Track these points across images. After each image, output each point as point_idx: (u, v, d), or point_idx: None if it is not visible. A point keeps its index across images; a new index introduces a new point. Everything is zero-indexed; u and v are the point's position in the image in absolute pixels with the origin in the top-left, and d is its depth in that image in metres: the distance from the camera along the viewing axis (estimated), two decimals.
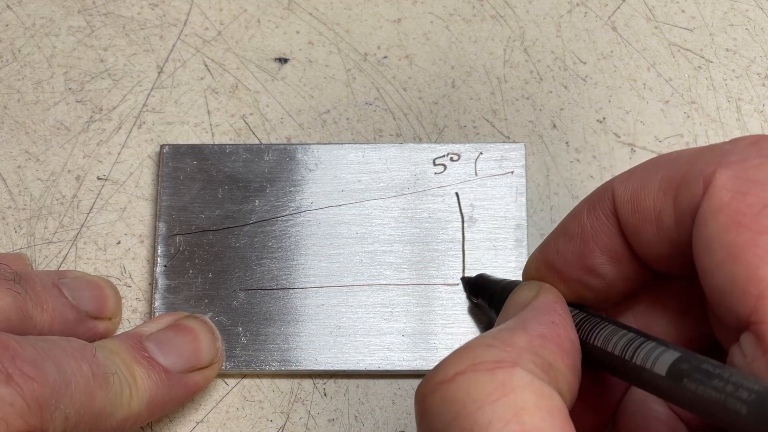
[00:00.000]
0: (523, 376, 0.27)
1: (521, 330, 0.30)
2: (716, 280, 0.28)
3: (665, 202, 0.30)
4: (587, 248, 0.32)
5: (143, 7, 0.47)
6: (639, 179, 0.31)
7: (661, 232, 0.30)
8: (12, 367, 0.32)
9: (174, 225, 0.42)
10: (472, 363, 0.28)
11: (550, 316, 0.31)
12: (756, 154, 0.29)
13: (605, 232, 0.32)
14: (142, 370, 0.37)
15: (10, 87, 0.46)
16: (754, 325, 0.27)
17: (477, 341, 0.29)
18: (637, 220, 0.31)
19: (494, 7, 0.46)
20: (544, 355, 0.29)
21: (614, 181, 0.32)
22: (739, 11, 0.46)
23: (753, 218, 0.27)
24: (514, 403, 0.27)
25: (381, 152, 0.43)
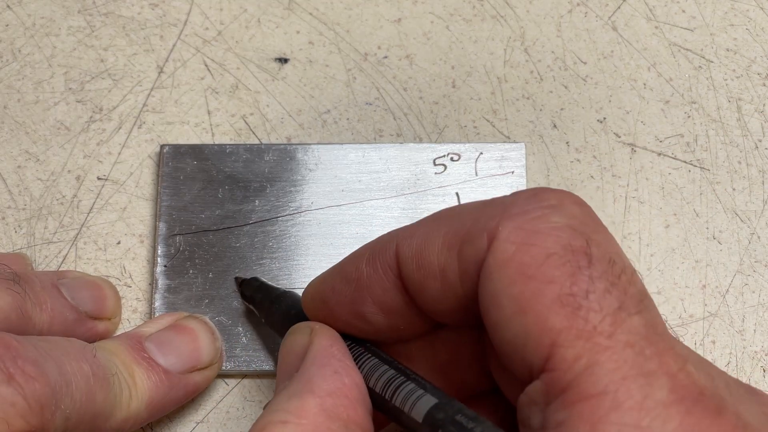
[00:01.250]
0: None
1: (309, 393, 0.30)
2: (506, 333, 0.28)
3: (449, 257, 0.30)
4: (360, 295, 0.32)
5: (143, 7, 0.47)
6: (423, 234, 0.31)
7: (445, 287, 0.30)
8: (13, 367, 0.32)
9: (174, 225, 0.42)
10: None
11: (331, 365, 0.31)
12: (536, 205, 0.29)
13: (380, 284, 0.32)
14: (142, 371, 0.37)
15: (10, 87, 0.46)
16: (547, 373, 0.27)
17: (270, 418, 0.29)
18: (421, 275, 0.31)
19: (494, 7, 0.46)
20: (339, 414, 0.29)
21: (398, 234, 0.32)
22: (739, 11, 0.46)
23: (537, 269, 0.28)
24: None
25: (381, 152, 0.43)
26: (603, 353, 0.26)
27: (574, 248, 0.28)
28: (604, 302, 0.27)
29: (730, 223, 0.43)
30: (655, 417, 0.26)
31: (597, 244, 0.28)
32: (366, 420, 0.30)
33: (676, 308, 0.41)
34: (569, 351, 0.27)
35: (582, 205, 0.29)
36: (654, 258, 0.42)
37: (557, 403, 0.27)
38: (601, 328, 0.27)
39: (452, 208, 0.32)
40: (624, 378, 0.26)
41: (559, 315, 0.27)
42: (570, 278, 0.27)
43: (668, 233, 0.42)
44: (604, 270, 0.28)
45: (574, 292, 0.27)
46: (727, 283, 0.42)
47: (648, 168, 0.43)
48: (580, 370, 0.26)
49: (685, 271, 0.42)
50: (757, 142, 0.44)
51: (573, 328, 0.27)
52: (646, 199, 0.43)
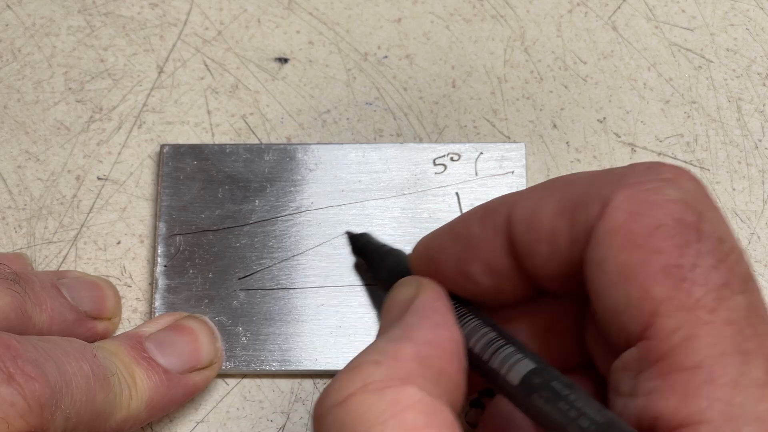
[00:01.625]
0: (413, 395, 0.28)
1: (407, 340, 0.30)
2: (609, 299, 0.28)
3: (561, 222, 0.30)
4: (469, 255, 0.32)
5: (143, 7, 0.47)
6: (537, 199, 0.31)
7: (554, 252, 0.30)
8: (13, 367, 0.32)
9: (174, 225, 0.42)
10: (362, 384, 0.28)
11: (433, 317, 0.31)
12: (652, 177, 0.29)
13: (490, 245, 0.32)
14: (142, 371, 0.37)
15: (10, 87, 0.46)
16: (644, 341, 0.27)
17: (366, 358, 0.29)
18: (531, 239, 0.31)
19: (494, 7, 0.46)
20: (433, 364, 0.29)
21: (513, 197, 0.32)
22: (739, 11, 0.46)
23: (646, 238, 0.28)
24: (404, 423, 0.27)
25: (381, 152, 0.43)
26: (702, 327, 0.27)
27: (686, 222, 0.28)
28: (710, 277, 0.27)
29: (730, 223, 0.42)
30: (748, 396, 0.26)
31: (708, 221, 0.28)
32: (459, 376, 0.30)
33: None
34: (669, 321, 0.27)
35: (696, 182, 0.29)
36: None
37: (650, 372, 0.27)
38: (703, 302, 0.27)
39: (567, 175, 0.32)
40: (721, 354, 0.26)
41: (662, 285, 0.27)
42: (678, 250, 0.28)
43: None
44: (713, 247, 0.28)
45: (681, 264, 0.27)
46: None
47: None
48: (677, 342, 0.27)
49: None
50: (757, 142, 0.44)
51: (675, 299, 0.27)
52: None
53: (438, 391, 0.29)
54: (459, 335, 0.31)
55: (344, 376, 0.29)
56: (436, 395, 0.28)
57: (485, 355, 0.31)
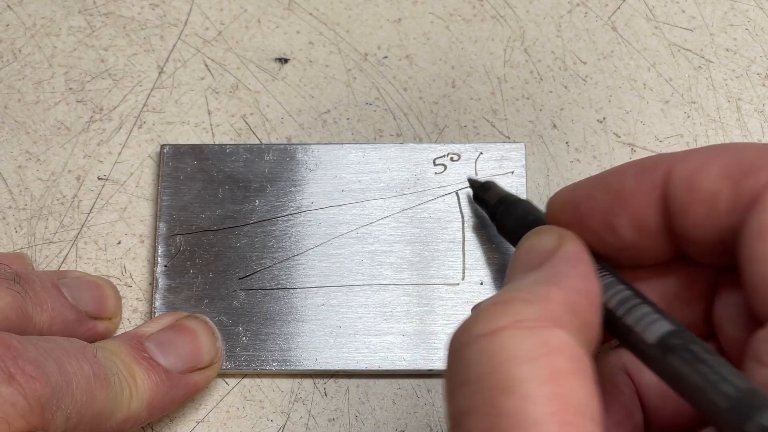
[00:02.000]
0: (562, 338, 0.28)
1: (556, 285, 0.30)
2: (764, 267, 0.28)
3: (724, 185, 0.30)
4: (618, 207, 0.32)
5: (144, 7, 0.47)
6: (701, 159, 0.31)
7: (711, 214, 0.30)
8: (14, 367, 0.32)
9: (174, 225, 0.43)
10: (514, 319, 0.28)
11: (581, 267, 0.31)
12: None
13: (643, 199, 0.31)
14: (142, 371, 0.37)
15: (10, 87, 0.46)
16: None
17: (515, 294, 0.29)
18: (689, 198, 0.30)
19: (494, 7, 0.46)
20: (581, 313, 0.29)
21: (673, 155, 0.31)
22: (739, 11, 0.46)
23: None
24: (552, 364, 0.27)
25: (381, 152, 0.43)
26: None
27: None
28: None
29: None
30: None
31: None
32: (600, 329, 0.30)
33: None
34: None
35: None
36: None
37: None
38: None
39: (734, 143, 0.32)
40: None
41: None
42: None
43: None
44: None
45: None
46: None
47: None
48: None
49: None
50: (757, 142, 0.44)
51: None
52: None
53: (582, 339, 0.29)
54: (601, 290, 0.31)
55: (494, 309, 0.28)
56: (581, 343, 0.28)
57: (620, 311, 0.30)
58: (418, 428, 0.40)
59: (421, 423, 0.41)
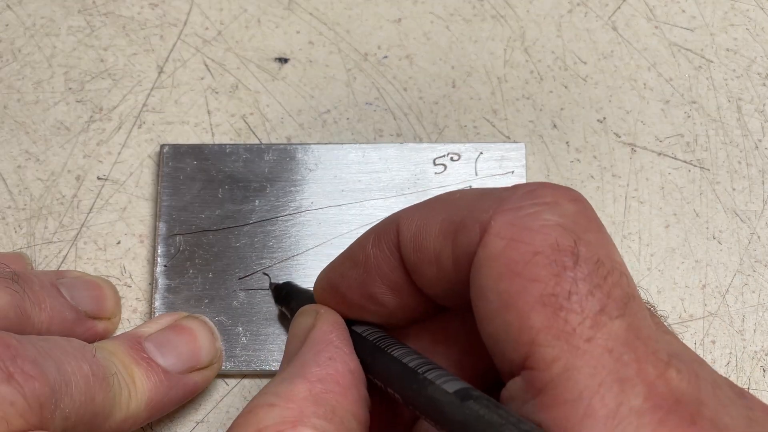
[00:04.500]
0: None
1: (300, 378, 0.30)
2: (491, 327, 0.28)
3: (444, 244, 0.30)
4: (369, 277, 0.32)
5: (143, 7, 0.47)
6: (422, 218, 0.31)
7: (440, 273, 0.30)
8: (13, 366, 0.32)
9: (174, 225, 0.42)
10: (255, 429, 0.29)
11: (327, 351, 0.31)
12: (530, 202, 0.29)
13: (387, 264, 0.32)
14: (141, 371, 0.37)
15: (10, 87, 0.46)
16: (526, 371, 0.27)
17: (259, 401, 0.30)
18: (417, 258, 0.31)
19: (494, 7, 0.46)
20: (327, 400, 0.30)
21: (400, 216, 0.32)
22: (739, 11, 0.46)
23: (524, 266, 0.27)
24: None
25: (381, 152, 0.43)
26: (581, 357, 0.26)
27: (561, 247, 0.27)
28: (586, 304, 0.27)
29: (730, 223, 0.42)
30: (627, 425, 0.26)
31: (586, 244, 0.28)
32: (357, 407, 0.31)
33: (676, 308, 0.41)
34: (548, 351, 0.26)
35: (578, 202, 0.29)
36: (654, 258, 0.42)
37: (534, 403, 0.27)
38: (580, 330, 0.26)
39: (452, 193, 0.32)
40: (600, 384, 0.26)
41: (540, 314, 0.27)
42: (554, 278, 0.27)
43: (668, 233, 0.42)
44: (590, 271, 0.27)
45: (557, 293, 0.27)
46: (727, 283, 0.42)
47: (648, 168, 0.43)
48: (558, 372, 0.26)
49: (685, 271, 0.42)
50: (757, 142, 0.44)
51: (553, 328, 0.27)
52: (646, 199, 0.43)
53: (333, 427, 0.29)
54: (355, 366, 0.31)
55: (239, 421, 0.30)
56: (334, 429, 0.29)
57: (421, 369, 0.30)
58: None
59: None
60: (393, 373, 0.31)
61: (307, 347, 0.32)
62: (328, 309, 0.34)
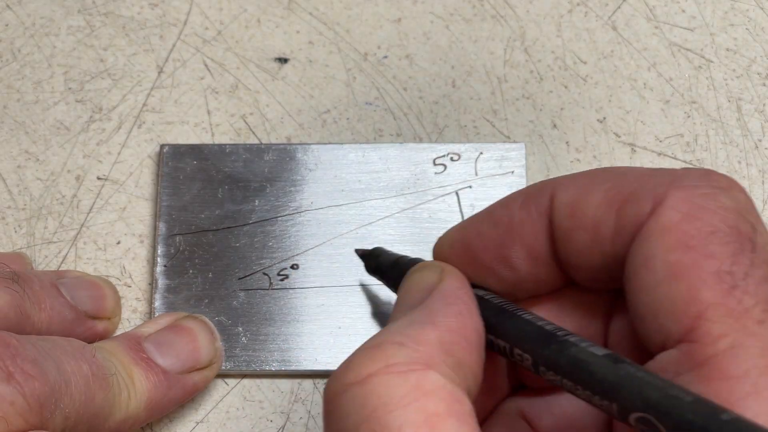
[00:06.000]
0: (435, 380, 0.27)
1: (430, 324, 0.29)
2: (652, 297, 0.28)
3: (607, 213, 0.30)
4: (509, 239, 0.32)
5: (143, 7, 0.47)
6: (583, 185, 0.30)
7: (594, 242, 0.30)
8: (13, 366, 0.32)
9: (174, 225, 0.42)
10: (384, 364, 0.28)
11: (457, 305, 0.30)
12: (707, 183, 0.29)
13: (532, 228, 0.31)
14: (141, 372, 0.37)
15: (9, 87, 0.46)
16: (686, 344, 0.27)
17: (387, 338, 0.29)
18: (573, 225, 0.30)
19: (494, 7, 0.46)
20: (455, 352, 0.29)
21: (556, 181, 0.31)
22: (739, 11, 0.46)
23: (700, 242, 0.28)
24: (426, 408, 0.27)
25: (381, 152, 0.43)
26: (751, 337, 0.26)
27: (740, 231, 0.28)
28: (761, 289, 0.27)
29: None
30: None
31: (760, 234, 0.28)
32: (478, 367, 0.30)
33: None
34: (716, 326, 0.27)
35: (747, 194, 0.29)
36: None
37: (692, 376, 0.27)
38: (753, 312, 0.27)
39: (616, 167, 0.31)
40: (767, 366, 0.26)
41: (712, 289, 0.27)
42: (732, 257, 0.27)
43: None
44: (766, 259, 0.28)
45: (734, 271, 0.27)
46: None
47: None
48: (724, 348, 0.26)
49: None
50: (757, 142, 0.44)
51: (724, 305, 0.27)
52: None
53: (458, 379, 0.28)
54: (481, 326, 0.31)
55: (365, 355, 0.28)
56: (456, 383, 0.28)
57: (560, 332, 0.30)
58: None
59: None
60: (527, 334, 0.30)
61: (435, 298, 0.31)
62: (453, 267, 0.33)
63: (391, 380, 0.27)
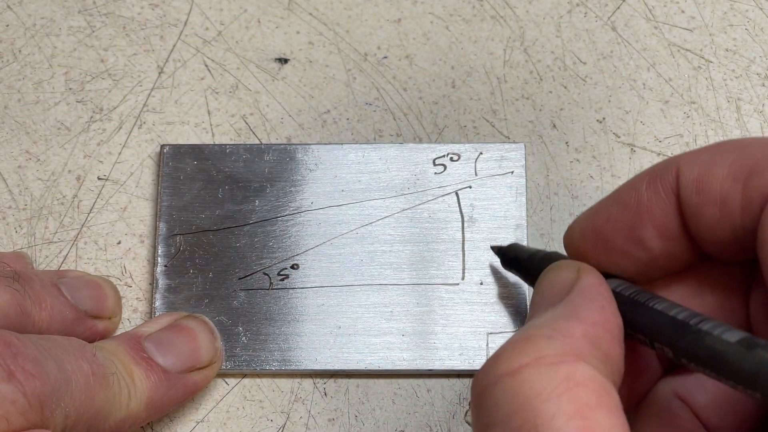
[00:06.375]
0: (586, 371, 0.28)
1: (575, 319, 0.30)
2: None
3: (733, 186, 0.30)
4: (640, 220, 0.32)
5: (143, 8, 0.47)
6: (707, 160, 0.30)
7: (723, 216, 0.30)
8: (14, 365, 0.32)
9: (174, 225, 0.43)
10: (536, 356, 0.28)
11: (599, 301, 0.31)
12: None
13: (661, 207, 0.31)
14: (141, 371, 0.37)
15: (10, 87, 0.46)
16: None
17: (535, 331, 0.29)
18: (700, 201, 0.30)
19: (494, 8, 0.46)
20: (601, 344, 0.29)
21: (680, 158, 0.31)
22: (738, 11, 0.46)
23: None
24: (578, 398, 0.27)
25: (381, 152, 0.43)
26: None
27: None
28: None
29: None
30: None
31: None
32: (621, 360, 0.30)
33: None
34: None
35: None
36: None
37: None
38: None
39: (739, 139, 0.31)
40: None
41: None
42: None
43: None
44: None
45: None
46: None
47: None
48: None
49: None
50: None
51: None
52: None
53: (606, 371, 0.29)
54: (621, 321, 0.31)
55: (515, 347, 0.28)
56: (604, 374, 0.28)
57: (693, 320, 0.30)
58: (417, 428, 0.40)
59: (420, 423, 0.41)
60: (662, 326, 0.30)
61: (576, 295, 0.31)
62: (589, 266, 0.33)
63: (542, 371, 0.27)
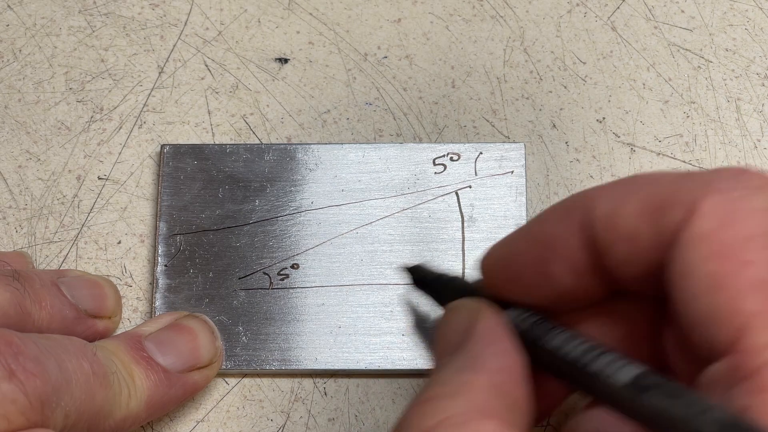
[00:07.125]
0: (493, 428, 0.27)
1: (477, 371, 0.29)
2: (694, 308, 0.27)
3: (644, 222, 0.29)
4: (550, 255, 0.31)
5: (144, 7, 0.47)
6: (618, 196, 0.30)
7: (634, 253, 0.30)
8: (15, 364, 0.32)
9: (174, 225, 0.43)
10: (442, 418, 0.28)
11: (501, 343, 0.31)
12: (740, 185, 0.28)
13: (572, 243, 0.31)
14: (141, 370, 0.37)
15: (10, 87, 0.46)
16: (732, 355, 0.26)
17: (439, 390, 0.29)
18: (611, 237, 0.30)
19: (494, 7, 0.46)
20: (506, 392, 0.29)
21: (592, 193, 0.31)
22: (738, 11, 0.46)
23: (737, 249, 0.27)
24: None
25: (381, 152, 0.43)
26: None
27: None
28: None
29: None
30: None
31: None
32: (529, 401, 0.30)
33: None
34: (761, 336, 0.26)
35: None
36: None
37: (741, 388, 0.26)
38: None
39: (650, 173, 0.31)
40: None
41: (754, 298, 0.26)
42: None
43: None
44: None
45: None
46: None
47: (647, 168, 0.43)
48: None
49: None
50: (756, 142, 0.44)
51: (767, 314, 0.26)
52: None
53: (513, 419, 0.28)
54: (523, 359, 0.31)
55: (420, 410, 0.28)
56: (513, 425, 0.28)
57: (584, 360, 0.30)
58: None
59: None
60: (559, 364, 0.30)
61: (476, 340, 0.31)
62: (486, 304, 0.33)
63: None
